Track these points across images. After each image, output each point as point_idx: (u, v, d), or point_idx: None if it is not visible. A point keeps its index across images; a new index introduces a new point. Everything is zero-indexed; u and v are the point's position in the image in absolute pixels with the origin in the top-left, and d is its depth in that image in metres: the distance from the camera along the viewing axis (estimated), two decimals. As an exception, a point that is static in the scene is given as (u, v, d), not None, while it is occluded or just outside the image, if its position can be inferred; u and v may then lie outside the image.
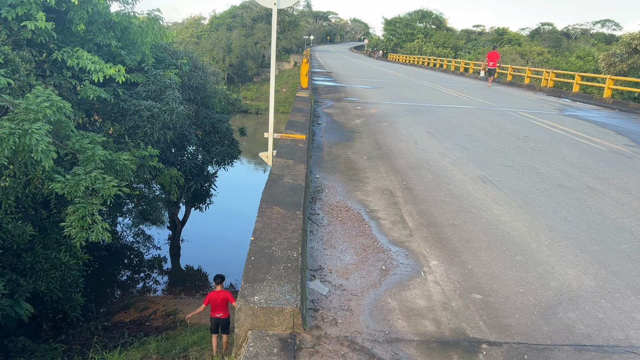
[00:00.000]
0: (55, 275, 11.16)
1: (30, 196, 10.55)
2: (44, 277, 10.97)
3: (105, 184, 9.19)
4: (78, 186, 8.95)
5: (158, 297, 16.56)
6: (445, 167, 7.05)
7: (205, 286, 17.79)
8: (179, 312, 14.61)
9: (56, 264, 11.14)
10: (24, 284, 10.54)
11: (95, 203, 9.21)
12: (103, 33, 12.33)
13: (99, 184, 9.14)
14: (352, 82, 22.05)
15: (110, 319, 14.75)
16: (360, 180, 6.13)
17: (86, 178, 9.05)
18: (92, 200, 9.20)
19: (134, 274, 19.24)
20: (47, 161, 8.52)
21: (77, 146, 9.62)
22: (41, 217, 11.78)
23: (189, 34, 75.87)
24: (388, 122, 10.75)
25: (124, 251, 20.54)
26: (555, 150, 8.61)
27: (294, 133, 7.62)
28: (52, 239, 11.34)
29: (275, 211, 4.26)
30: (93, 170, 9.34)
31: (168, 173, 13.48)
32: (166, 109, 12.84)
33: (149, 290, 17.63)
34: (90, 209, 9.05)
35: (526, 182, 6.43)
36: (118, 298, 16.55)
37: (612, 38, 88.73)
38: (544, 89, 23.39)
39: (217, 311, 8.31)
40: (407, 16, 78.77)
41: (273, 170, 5.47)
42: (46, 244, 11.51)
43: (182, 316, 14.22)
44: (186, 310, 14.51)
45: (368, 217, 4.86)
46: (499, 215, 5.13)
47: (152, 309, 15.21)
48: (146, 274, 19.07)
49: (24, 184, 10.06)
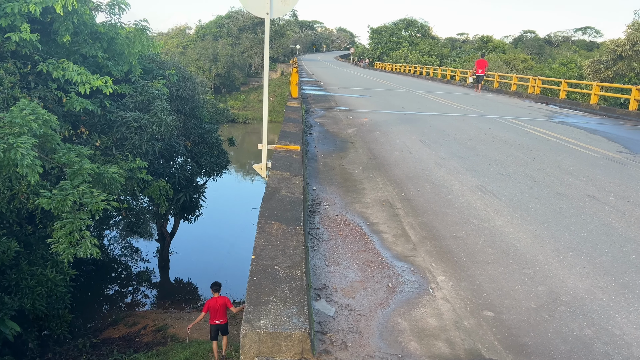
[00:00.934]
0: (41, 292, 10.88)
1: (15, 211, 10.27)
2: (29, 294, 10.68)
3: (94, 198, 8.96)
4: (65, 201, 8.70)
5: (147, 311, 16.23)
6: (442, 176, 6.95)
7: (195, 299, 17.50)
8: (169, 327, 14.32)
9: (42, 280, 10.85)
10: (8, 302, 10.23)
11: (83, 218, 8.96)
12: (89, 44, 12.13)
13: (86, 199, 8.91)
14: (341, 91, 22.00)
15: (98, 335, 14.42)
16: (358, 192, 6.00)
17: (73, 192, 8.81)
18: (80, 215, 8.94)
19: (122, 287, 18.88)
20: (33, 176, 8.28)
21: (63, 160, 9.38)
22: (26, 232, 11.49)
23: (174, 44, 75.56)
24: (381, 131, 10.66)
25: (112, 265, 20.15)
26: (550, 158, 8.57)
27: (288, 144, 7.48)
28: (38, 255, 11.05)
29: (274, 227, 4.11)
30: (80, 184, 9.10)
31: (157, 185, 13.24)
32: (154, 120, 12.64)
33: (138, 304, 17.30)
34: (78, 224, 8.80)
35: (525, 191, 6.36)
36: (106, 313, 16.20)
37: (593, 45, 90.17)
38: (531, 96, 23.55)
39: (217, 317, 8.94)
40: (393, 25, 79.43)
41: (270, 183, 5.32)
42: (32, 260, 11.21)
43: (172, 331, 13.96)
44: (176, 325, 14.26)
45: (369, 230, 4.72)
46: (502, 227, 5.03)
47: (142, 324, 14.91)
48: (135, 287, 18.72)
49: (8, 199, 9.79)
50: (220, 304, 8.79)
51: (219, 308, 8.84)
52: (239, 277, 16.28)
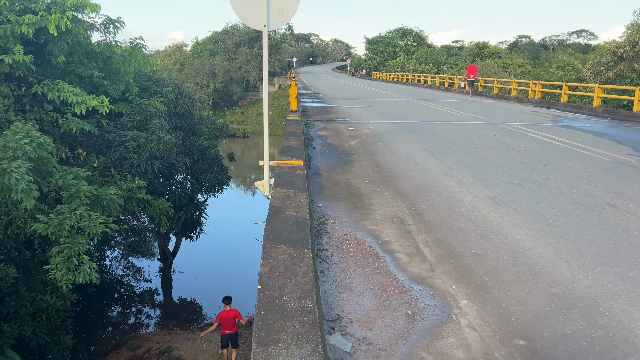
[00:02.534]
0: (42, 318, 10.60)
1: (13, 237, 10.01)
2: (29, 321, 10.39)
3: (92, 221, 8.70)
4: (62, 225, 8.43)
5: (151, 333, 15.89)
6: (452, 188, 6.68)
7: (199, 319, 17.16)
8: (173, 349, 14.01)
9: (42, 306, 10.57)
10: (8, 331, 9.92)
11: (82, 242, 8.68)
12: (84, 64, 11.94)
13: (84, 222, 8.64)
14: (341, 102, 21.80)
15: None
16: (366, 208, 5.72)
17: (71, 216, 8.55)
18: (79, 240, 8.66)
19: (125, 309, 18.54)
20: (28, 201, 8.01)
21: (60, 183, 9.12)
22: (25, 257, 11.23)
23: (172, 61, 75.77)
24: (384, 142, 10.40)
25: (114, 285, 19.83)
26: (561, 164, 8.30)
27: (290, 159, 7.22)
28: (37, 280, 10.76)
29: (281, 251, 3.83)
30: (78, 207, 8.84)
31: (157, 204, 12.97)
32: (152, 139, 12.41)
33: (141, 325, 16.96)
34: (77, 249, 8.52)
35: (540, 201, 6.07)
36: (109, 336, 15.85)
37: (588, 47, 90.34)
38: (532, 101, 23.34)
39: (228, 328, 10.13)
40: (389, 34, 79.70)
41: (273, 202, 5.05)
42: (31, 286, 10.92)
43: (177, 353, 13.68)
44: (181, 347, 13.99)
45: (381, 250, 4.44)
46: (521, 241, 4.74)
47: (146, 347, 14.59)
48: (138, 308, 18.39)
49: (5, 224, 9.53)
50: (231, 315, 10.00)
51: (229, 319, 10.02)
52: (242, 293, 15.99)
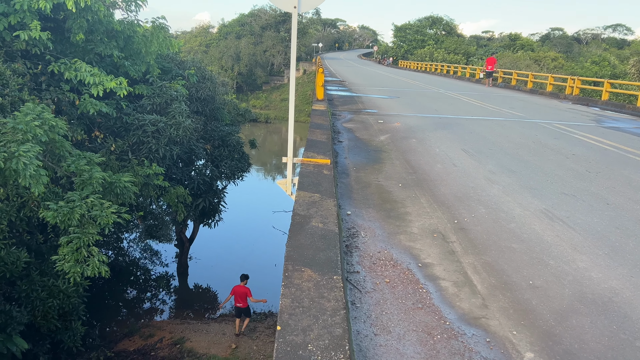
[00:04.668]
0: (53, 304, 10.28)
1: (25, 220, 9.63)
2: (40, 306, 10.07)
3: (103, 210, 8.22)
4: (72, 214, 7.96)
5: (164, 322, 15.58)
6: (496, 196, 5.97)
7: (214, 308, 16.79)
8: (186, 341, 13.69)
9: (54, 292, 10.24)
10: (17, 316, 9.58)
11: (92, 232, 8.22)
12: (105, 43, 11.43)
13: (96, 211, 8.16)
14: (368, 91, 21.01)
15: (113, 347, 13.83)
16: (401, 218, 5.06)
17: (81, 205, 8.07)
18: (89, 230, 8.20)
19: (140, 293, 18.29)
20: (37, 187, 7.54)
21: (72, 168, 8.64)
22: (37, 241, 10.90)
23: (197, 43, 75.47)
24: (417, 138, 9.68)
25: (130, 268, 19.61)
26: (616, 173, 7.49)
27: (317, 156, 6.58)
28: (50, 265, 10.39)
29: (305, 276, 3.21)
30: (90, 195, 8.36)
31: (174, 192, 12.50)
32: (172, 123, 11.89)
33: (155, 311, 16.67)
34: (86, 239, 8.06)
35: (600, 218, 5.33)
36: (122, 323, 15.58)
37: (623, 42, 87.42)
38: (569, 97, 22.20)
39: (238, 302, 11.64)
40: (418, 22, 78.02)
41: (297, 210, 4.43)
42: (43, 271, 10.58)
43: (189, 345, 13.38)
44: (194, 338, 13.69)
45: (422, 275, 3.79)
46: (587, 270, 4.04)
47: (158, 336, 14.29)
48: (153, 293, 18.12)
49: (18, 207, 9.13)
50: (242, 291, 11.34)
51: (241, 294, 11.37)
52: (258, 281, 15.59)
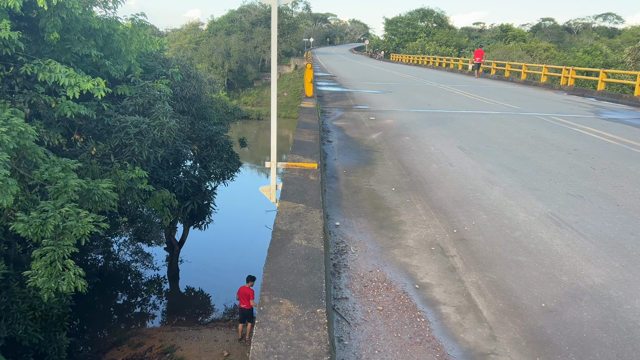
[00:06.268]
0: (35, 316, 9.82)
1: (2, 230, 9.16)
2: (21, 319, 9.62)
3: (80, 220, 7.72)
4: (45, 226, 7.46)
5: (154, 329, 15.10)
6: (498, 200, 5.52)
7: (206, 313, 16.34)
8: (176, 349, 13.22)
9: (35, 303, 9.77)
10: (-5, 331, 9.13)
11: (68, 244, 7.71)
12: (82, 42, 10.86)
13: (71, 221, 7.66)
14: (359, 86, 20.51)
15: (101, 357, 13.36)
16: (395, 228, 4.61)
17: (55, 215, 7.57)
18: (64, 242, 7.69)
19: (130, 297, 17.79)
20: (5, 198, 7.04)
21: (45, 176, 8.13)
22: (16, 251, 10.42)
23: (187, 40, 74.62)
24: (410, 135, 9.22)
25: (120, 272, 19.09)
26: (622, 169, 7.07)
27: (303, 160, 6.11)
28: (30, 276, 9.93)
29: (284, 310, 2.75)
30: (65, 203, 7.85)
31: (160, 196, 12.00)
32: (156, 124, 11.39)
33: (146, 317, 16.18)
34: (61, 252, 7.56)
35: (612, 223, 4.90)
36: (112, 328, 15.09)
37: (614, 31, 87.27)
38: (564, 88, 21.80)
39: (243, 303, 11.38)
40: (409, 15, 77.58)
41: (278, 224, 3.96)
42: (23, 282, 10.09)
43: (180, 354, 12.93)
44: (184, 346, 13.26)
45: (420, 299, 3.34)
46: (605, 287, 3.60)
47: (148, 344, 13.81)
48: (143, 298, 17.62)
49: (-7, 217, 8.64)
50: (246, 293, 11.12)
51: (244, 296, 11.16)
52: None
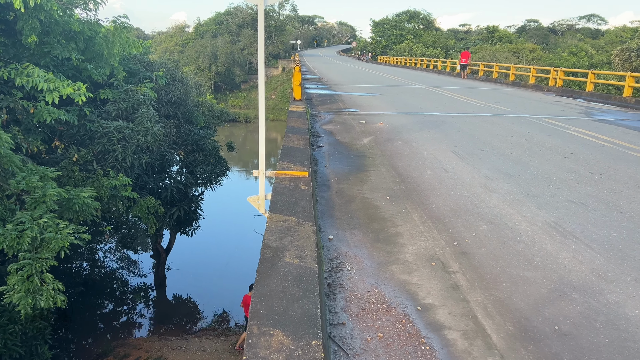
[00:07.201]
0: (15, 329, 9.40)
1: (-22, 240, 8.71)
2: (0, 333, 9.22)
3: (59, 232, 7.36)
4: (22, 238, 7.09)
5: (141, 339, 14.69)
6: (497, 208, 5.29)
7: (194, 321, 15.97)
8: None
9: (15, 317, 9.36)
10: (-28, 346, 8.72)
11: (46, 257, 7.34)
12: (62, 45, 10.50)
13: (49, 233, 7.30)
14: (348, 89, 20.27)
15: (85, 370, 12.96)
16: (392, 242, 4.34)
17: (32, 227, 7.20)
18: (42, 255, 7.32)
19: (116, 306, 17.34)
20: (-22, 210, 6.67)
21: (22, 185, 7.75)
22: (-7, 263, 9.97)
23: (173, 43, 73.99)
24: (402, 140, 8.98)
25: (105, 280, 18.63)
26: (620, 173, 6.88)
27: (293, 167, 5.83)
28: (9, 288, 9.51)
29: (275, 343, 2.47)
30: (44, 214, 7.49)
31: (144, 203, 11.63)
32: (140, 130, 11.04)
33: (132, 326, 15.76)
34: (39, 266, 7.19)
35: (618, 232, 4.68)
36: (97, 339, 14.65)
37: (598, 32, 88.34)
38: (552, 89, 21.77)
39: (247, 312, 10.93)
40: (395, 17, 77.70)
41: (267, 240, 3.67)
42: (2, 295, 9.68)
43: (167, 365, 12.58)
44: (172, 357, 12.92)
45: (423, 324, 3.07)
46: (619, 306, 3.36)
47: (134, 355, 13.42)
48: (130, 306, 17.19)
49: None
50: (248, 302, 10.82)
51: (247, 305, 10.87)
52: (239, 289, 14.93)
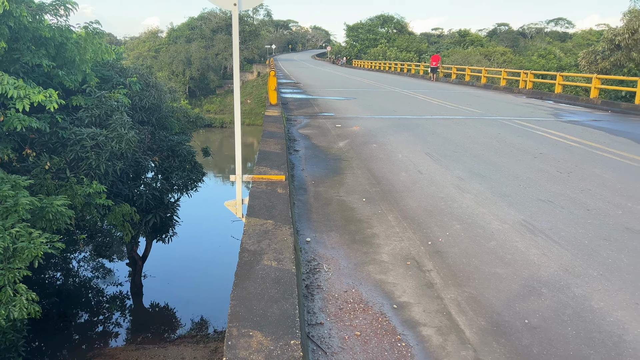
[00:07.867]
0: (-14, 343, 9.15)
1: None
2: (-29, 347, 8.96)
3: (32, 241, 7.25)
4: (-7, 249, 6.96)
5: (118, 349, 14.46)
6: (470, 208, 5.42)
7: (172, 329, 15.79)
8: (141, 370, 12.68)
9: (-14, 329, 9.11)
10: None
11: (19, 267, 7.22)
12: (32, 51, 10.35)
13: (22, 242, 7.19)
14: (324, 93, 20.40)
15: (60, 382, 12.71)
16: (368, 242, 4.43)
17: (4, 236, 7.07)
18: (14, 265, 7.20)
19: (92, 316, 17.00)
20: (-52, 221, 6.54)
21: (-7, 195, 7.62)
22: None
23: (146, 48, 73.11)
24: (377, 143, 9.10)
25: (80, 290, 18.27)
26: (587, 172, 7.12)
27: (270, 171, 5.87)
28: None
29: (254, 344, 2.51)
30: (16, 224, 7.37)
31: (119, 210, 11.51)
32: (114, 136, 10.92)
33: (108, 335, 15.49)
34: (12, 276, 7.07)
35: (584, 228, 4.85)
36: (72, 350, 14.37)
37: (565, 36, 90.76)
38: (523, 91, 22.31)
39: None
40: (369, 21, 78.32)
41: (245, 244, 3.71)
42: (-28, 307, 9.42)
43: (145, 375, 12.43)
44: (150, 366, 12.74)
45: (399, 321, 3.15)
46: (586, 298, 3.50)
47: (111, 366, 13.21)
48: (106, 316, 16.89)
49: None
50: None
51: None
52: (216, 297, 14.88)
